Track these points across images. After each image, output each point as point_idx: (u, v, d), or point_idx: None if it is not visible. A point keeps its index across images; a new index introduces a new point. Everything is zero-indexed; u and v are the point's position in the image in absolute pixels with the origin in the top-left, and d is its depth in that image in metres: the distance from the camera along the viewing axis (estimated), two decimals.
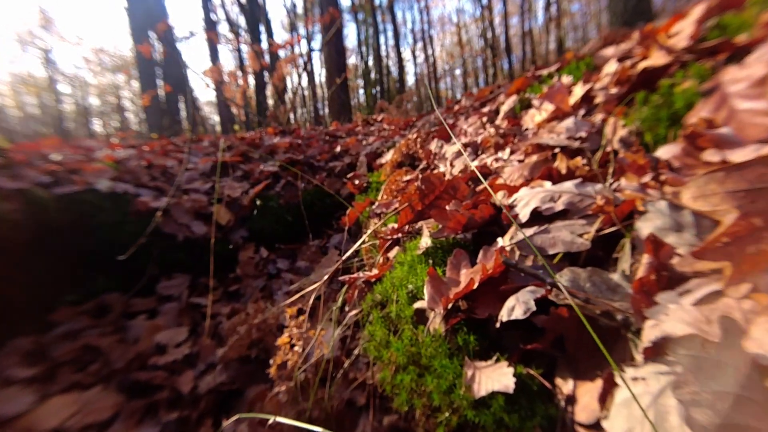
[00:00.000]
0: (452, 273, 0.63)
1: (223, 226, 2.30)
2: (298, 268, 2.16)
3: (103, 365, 1.47)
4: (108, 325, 1.74)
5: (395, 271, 0.79)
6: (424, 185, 0.94)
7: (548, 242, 0.54)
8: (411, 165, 1.77)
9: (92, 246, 1.96)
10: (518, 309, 0.45)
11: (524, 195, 0.65)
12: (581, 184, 0.61)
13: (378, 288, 0.80)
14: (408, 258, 0.77)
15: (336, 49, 6.23)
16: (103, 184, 2.08)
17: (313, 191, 2.50)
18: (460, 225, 0.69)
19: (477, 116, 1.57)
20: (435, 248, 0.72)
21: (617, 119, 0.77)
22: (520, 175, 0.81)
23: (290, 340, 1.01)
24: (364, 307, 0.79)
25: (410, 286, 0.70)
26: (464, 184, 0.90)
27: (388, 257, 0.96)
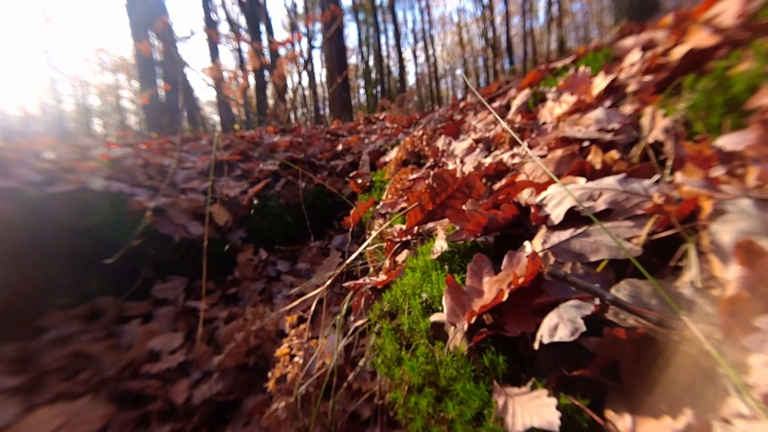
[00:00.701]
0: (473, 281, 0.56)
1: (221, 226, 2.23)
2: (299, 271, 2.09)
3: (94, 373, 1.40)
4: (100, 330, 1.66)
5: (406, 277, 0.71)
6: (435, 183, 0.87)
7: (589, 247, 0.47)
8: (416, 163, 1.69)
9: (85, 247, 1.89)
10: (563, 328, 0.37)
11: (555, 193, 0.57)
12: (625, 180, 0.53)
13: (387, 296, 0.72)
14: (420, 263, 0.70)
15: (337, 48, 6.16)
16: (97, 183, 2.01)
17: (314, 191, 2.43)
18: (479, 227, 0.62)
19: (487, 111, 1.49)
20: (451, 253, 0.64)
21: (655, 108, 0.70)
22: (544, 172, 0.74)
23: (290, 351, 0.93)
24: (371, 316, 0.72)
25: (424, 295, 0.62)
26: (480, 182, 0.82)
27: (397, 261, 0.89)
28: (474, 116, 1.54)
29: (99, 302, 1.80)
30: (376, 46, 19.01)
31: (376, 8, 18.92)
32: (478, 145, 1.16)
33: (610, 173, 0.60)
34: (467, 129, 1.46)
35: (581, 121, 0.82)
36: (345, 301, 0.85)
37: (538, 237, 0.54)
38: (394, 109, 4.80)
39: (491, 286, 0.53)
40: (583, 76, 0.97)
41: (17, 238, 1.69)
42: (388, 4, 19.24)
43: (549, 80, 1.37)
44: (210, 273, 2.15)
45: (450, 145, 1.40)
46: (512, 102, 1.40)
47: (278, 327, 1.53)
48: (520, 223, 0.61)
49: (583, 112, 0.89)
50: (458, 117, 1.67)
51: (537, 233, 0.56)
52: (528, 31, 20.25)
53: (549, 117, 1.04)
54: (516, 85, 1.54)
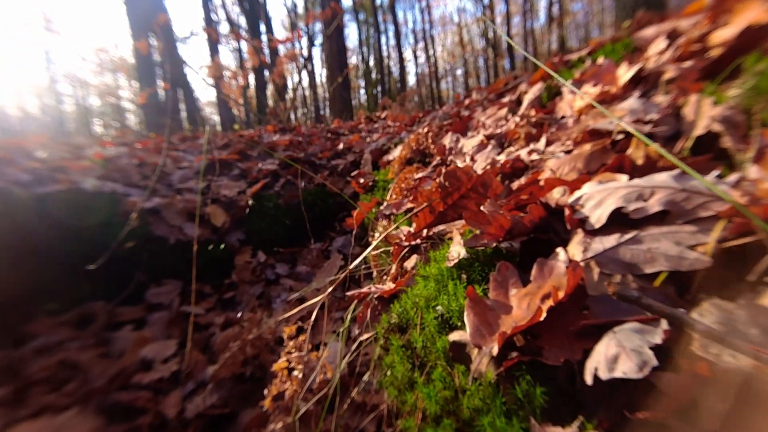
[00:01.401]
0: (498, 294, 0.48)
1: (217, 227, 2.15)
2: (299, 274, 2.01)
3: (81, 384, 1.32)
4: (90, 337, 1.59)
5: (417, 286, 0.64)
6: (447, 182, 0.79)
7: (642, 257, 0.39)
8: (422, 161, 1.62)
9: (76, 250, 1.81)
10: (627, 361, 0.30)
11: (593, 192, 0.50)
12: (682, 176, 0.46)
13: (396, 307, 0.64)
14: (433, 271, 0.62)
15: (337, 46, 6.09)
16: (89, 183, 1.94)
17: (315, 191, 2.35)
18: (502, 230, 0.54)
19: (497, 107, 1.42)
20: (470, 260, 0.57)
21: (701, 97, 0.62)
22: (573, 168, 0.66)
23: (288, 365, 0.85)
24: (378, 330, 0.64)
25: (439, 308, 0.55)
26: (497, 180, 0.75)
27: (405, 268, 0.81)
28: (482, 112, 1.47)
29: (90, 307, 1.72)
30: (376, 47, 18.98)
31: (376, 8, 18.89)
32: (489, 142, 1.09)
33: (654, 169, 0.52)
34: (476, 125, 1.39)
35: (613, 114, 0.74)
36: (348, 312, 0.77)
37: (574, 243, 0.46)
38: (395, 108, 4.73)
39: (520, 300, 0.45)
40: (608, 66, 0.89)
41: (3, 240, 1.62)
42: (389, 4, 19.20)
43: (563, 73, 1.29)
44: (206, 276, 2.08)
45: (458, 142, 1.33)
46: (523, 97, 1.33)
47: (277, 334, 1.45)
48: (548, 226, 0.53)
49: (609, 104, 0.82)
50: (465, 113, 1.59)
51: (572, 238, 0.48)
52: (529, 31, 20.20)
53: (568, 110, 0.97)
54: (526, 79, 1.47)
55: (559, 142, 0.82)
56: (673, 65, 0.77)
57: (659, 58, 0.85)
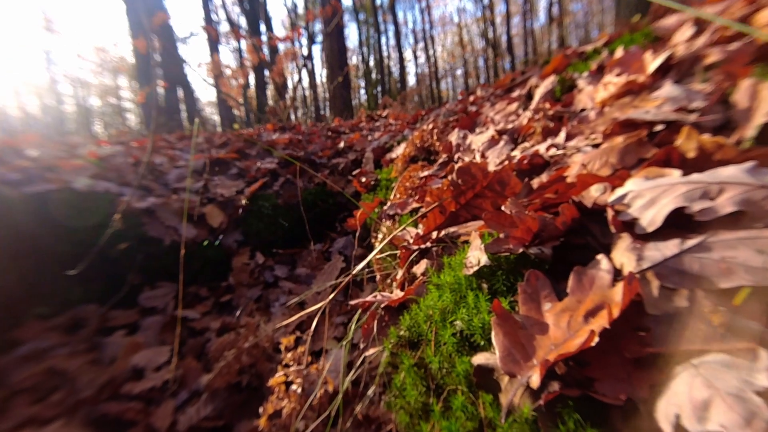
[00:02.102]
0: (529, 309, 0.41)
1: (215, 228, 2.08)
2: (298, 276, 1.94)
3: (68, 394, 1.25)
4: (80, 343, 1.52)
5: (430, 296, 0.57)
6: (460, 179, 0.72)
7: (715, 268, 0.32)
8: (426, 159, 1.54)
9: (67, 251, 1.74)
10: (726, 411, 0.23)
11: (642, 189, 0.43)
12: (758, 170, 0.38)
13: (406, 319, 0.57)
14: (448, 279, 0.55)
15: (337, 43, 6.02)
16: (81, 183, 1.87)
17: (315, 190, 2.28)
18: (530, 234, 0.47)
19: (506, 102, 1.35)
20: (491, 267, 0.50)
21: (756, 81, 0.56)
22: (605, 163, 0.59)
23: (286, 379, 0.78)
24: (386, 345, 0.57)
25: (458, 323, 0.48)
26: (515, 178, 0.67)
27: (414, 274, 0.74)
28: (491, 107, 1.40)
29: (81, 311, 1.65)
30: (376, 47, 18.94)
31: (376, 8, 18.85)
32: (501, 137, 1.02)
33: (711, 162, 0.45)
34: (484, 121, 1.32)
35: (642, 103, 0.68)
36: (352, 322, 0.70)
37: (620, 250, 0.39)
38: (396, 107, 4.66)
39: (557, 317, 0.38)
40: (635, 53, 0.82)
41: None
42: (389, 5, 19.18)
43: (578, 65, 1.22)
44: (203, 279, 2.01)
45: (465, 138, 1.26)
46: (534, 91, 1.26)
47: (275, 340, 1.38)
48: (583, 229, 0.46)
49: (636, 94, 0.75)
50: (473, 109, 1.52)
51: (615, 244, 0.41)
52: (529, 31, 20.15)
53: (589, 102, 0.90)
54: (536, 74, 1.40)
55: (581, 136, 0.75)
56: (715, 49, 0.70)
57: (690, 44, 0.78)
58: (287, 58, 3.97)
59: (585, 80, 1.06)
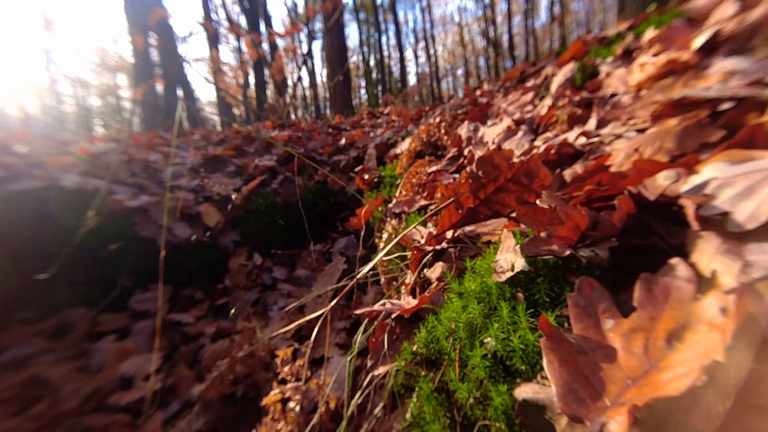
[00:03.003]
0: (586, 328, 0.32)
1: (210, 228, 2.00)
2: (298, 278, 1.85)
3: (51, 405, 1.17)
4: (67, 349, 1.43)
5: (451, 306, 0.48)
6: (481, 170, 0.63)
7: None
8: (433, 154, 1.46)
9: (55, 252, 1.66)
10: None
11: (730, 176, 0.34)
12: None
13: (422, 333, 0.49)
14: (473, 286, 0.46)
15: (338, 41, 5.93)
16: (70, 180, 1.79)
17: (315, 189, 2.20)
18: (577, 232, 0.38)
19: (520, 92, 1.26)
20: (530, 274, 0.41)
21: None
22: (659, 149, 0.51)
23: (282, 396, 0.69)
24: (399, 363, 0.48)
25: (489, 341, 0.39)
26: (545, 169, 0.59)
27: (427, 278, 0.65)
28: (503, 98, 1.32)
29: (69, 315, 1.57)
30: (377, 46, 18.88)
31: (377, 8, 18.79)
32: (519, 128, 0.93)
33: None
34: (497, 112, 1.23)
35: (694, 82, 0.59)
36: (357, 335, 0.61)
37: (705, 253, 0.31)
38: (398, 104, 4.58)
39: (628, 340, 0.30)
40: (680, 28, 0.74)
41: None
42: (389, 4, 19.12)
43: (600, 51, 1.14)
44: (198, 281, 1.93)
45: (476, 131, 1.17)
46: (551, 80, 1.18)
47: (272, 348, 1.29)
48: (642, 226, 0.38)
49: (679, 75, 0.66)
50: (483, 100, 1.44)
51: (695, 244, 0.33)
52: (530, 30, 20.09)
53: (621, 86, 0.81)
54: (551, 63, 1.32)
55: (617, 122, 0.66)
56: None
57: (743, 18, 0.69)
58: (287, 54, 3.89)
59: (609, 65, 0.97)
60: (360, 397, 0.54)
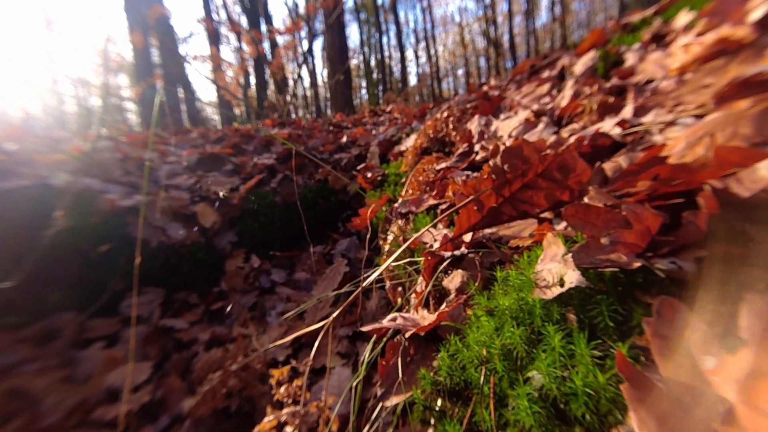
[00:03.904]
0: (678, 369, 0.24)
1: (207, 228, 1.92)
2: (297, 281, 1.77)
3: (30, 420, 1.08)
4: (52, 357, 1.35)
5: (481, 327, 0.39)
6: (507, 164, 0.55)
7: None
8: (441, 151, 1.37)
9: (42, 254, 1.58)
10: None
11: None
12: None
13: (443, 359, 0.40)
14: (508, 303, 0.38)
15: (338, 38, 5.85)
16: (59, 179, 1.71)
17: (315, 187, 2.11)
18: (646, 238, 0.30)
19: (535, 83, 1.18)
20: (585, 290, 0.33)
21: None
22: (732, 135, 0.42)
23: (277, 422, 0.61)
24: (415, 395, 0.40)
25: (537, 377, 0.31)
26: (583, 162, 0.50)
27: (445, 288, 0.57)
28: (516, 91, 1.23)
29: (56, 321, 1.49)
30: (378, 46, 18.85)
31: (378, 8, 18.76)
32: (540, 119, 0.85)
33: None
34: (510, 105, 1.15)
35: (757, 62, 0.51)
36: (364, 354, 0.53)
37: None
38: (400, 103, 4.50)
39: (747, 388, 0.21)
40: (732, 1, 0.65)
41: None
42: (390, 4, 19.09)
43: (624, 38, 1.05)
44: (193, 283, 1.84)
45: (488, 125, 1.09)
46: (568, 71, 1.09)
47: (270, 356, 1.21)
48: (730, 229, 0.30)
49: (733, 54, 0.58)
50: (494, 93, 1.35)
51: None
52: (530, 30, 20.02)
53: (659, 71, 0.73)
54: (567, 53, 1.24)
55: (661, 109, 0.58)
56: None
57: None
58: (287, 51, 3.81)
59: (637, 52, 0.89)
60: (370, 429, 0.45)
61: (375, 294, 1.32)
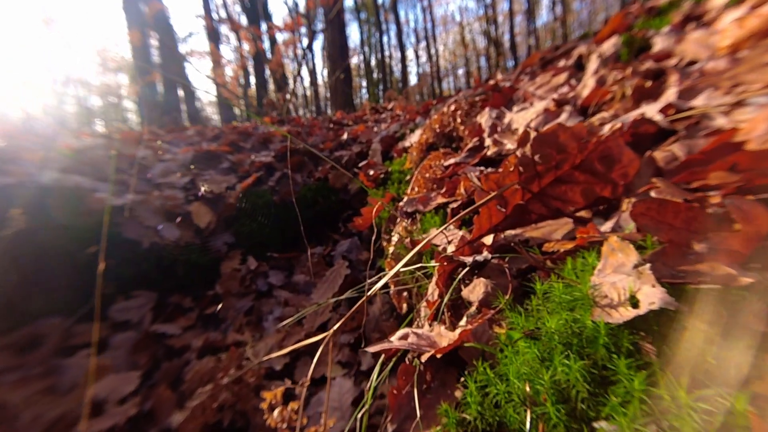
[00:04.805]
0: None
1: (202, 229, 1.84)
2: (296, 284, 1.69)
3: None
4: (35, 366, 1.27)
5: (516, 352, 0.31)
6: (538, 154, 0.47)
7: None
8: (448, 146, 1.29)
9: (27, 255, 1.50)
10: None
11: None
12: None
13: (472, 392, 0.32)
14: (557, 325, 0.30)
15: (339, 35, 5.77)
16: (47, 176, 1.63)
17: (315, 186, 2.03)
18: (753, 243, 0.23)
19: (551, 73, 1.10)
20: (668, 312, 0.25)
21: None
22: None
23: None
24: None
25: (606, 426, 0.22)
26: (630, 151, 0.42)
27: (464, 300, 0.49)
28: (530, 82, 1.16)
29: (41, 326, 1.41)
30: (378, 46, 18.80)
31: (378, 7, 18.71)
32: (563, 108, 0.77)
33: None
34: (524, 97, 1.07)
35: None
36: (371, 382, 0.45)
37: None
38: (401, 101, 4.42)
39: None
40: None
41: None
42: (390, 4, 19.03)
43: (650, 22, 0.98)
44: (187, 286, 1.76)
45: (501, 118, 1.01)
46: (587, 59, 1.02)
47: (268, 365, 1.13)
48: None
49: None
50: (506, 84, 1.28)
51: None
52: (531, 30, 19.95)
53: (703, 51, 0.66)
54: (585, 41, 1.16)
55: (715, 90, 0.51)
56: None
57: None
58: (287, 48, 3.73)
59: (667, 35, 0.81)
60: None
61: (378, 298, 1.23)
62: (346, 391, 1.00)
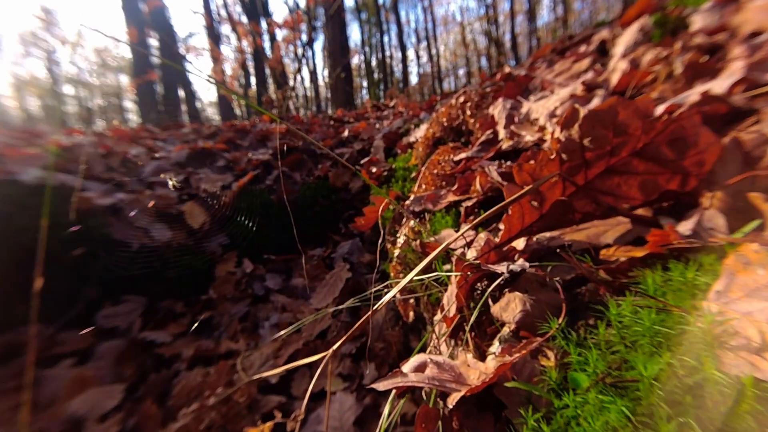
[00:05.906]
0: None
1: (195, 229, 1.75)
2: (294, 288, 1.60)
3: None
4: (13, 377, 1.18)
5: (593, 407, 0.22)
6: (588, 137, 0.38)
7: None
8: (457, 141, 1.20)
9: (8, 258, 1.41)
10: None
11: None
12: None
13: None
14: (652, 371, 0.20)
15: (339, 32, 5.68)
16: (30, 175, 1.55)
17: (315, 185, 1.94)
18: None
19: (571, 59, 1.01)
20: None
21: None
22: None
23: None
24: None
25: None
26: (709, 132, 0.33)
27: (494, 317, 0.39)
28: (547, 69, 1.07)
29: (21, 334, 1.32)
30: (379, 46, 18.75)
31: (379, 7, 18.66)
32: (593, 93, 0.68)
33: None
34: (542, 85, 0.98)
35: None
36: (382, 422, 0.36)
37: None
38: (403, 98, 4.33)
39: None
40: None
41: None
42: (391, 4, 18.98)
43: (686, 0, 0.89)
44: (180, 290, 1.68)
45: (517, 108, 0.92)
46: (611, 43, 0.93)
47: (262, 383, 1.04)
48: None
49: None
50: (520, 73, 1.18)
51: None
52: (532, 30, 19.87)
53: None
54: (606, 26, 1.07)
55: None
56: None
57: None
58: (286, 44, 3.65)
59: (709, 12, 0.72)
60: None
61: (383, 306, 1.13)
62: (348, 409, 0.91)
